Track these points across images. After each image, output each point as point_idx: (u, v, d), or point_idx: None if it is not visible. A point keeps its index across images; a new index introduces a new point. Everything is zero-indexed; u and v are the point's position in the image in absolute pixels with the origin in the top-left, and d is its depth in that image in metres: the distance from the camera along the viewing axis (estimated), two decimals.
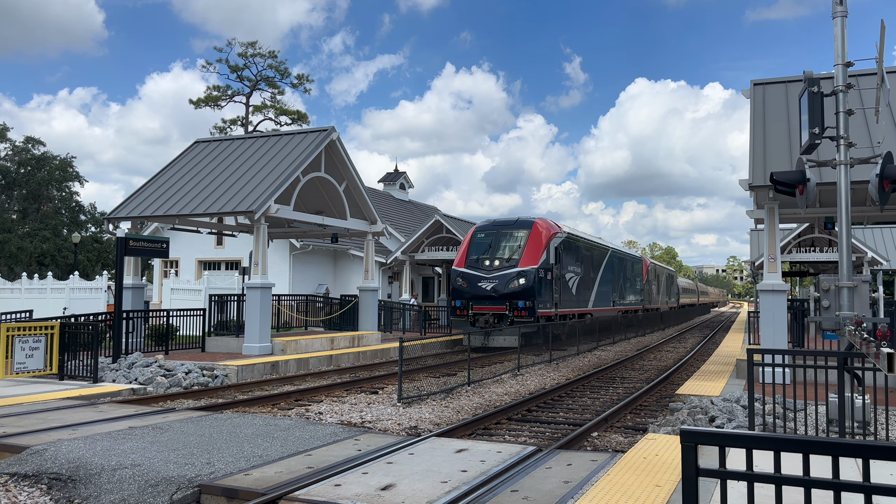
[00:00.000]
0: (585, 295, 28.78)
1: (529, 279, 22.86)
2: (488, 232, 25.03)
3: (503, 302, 22.84)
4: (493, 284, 23.12)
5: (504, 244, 24.19)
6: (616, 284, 34.63)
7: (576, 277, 27.35)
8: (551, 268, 24.19)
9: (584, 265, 28.75)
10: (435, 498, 5.94)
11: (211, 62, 67.11)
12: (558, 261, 24.92)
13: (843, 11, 9.33)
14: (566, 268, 25.97)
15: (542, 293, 23.29)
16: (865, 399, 8.30)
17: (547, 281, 23.69)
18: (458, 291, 23.83)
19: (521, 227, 24.58)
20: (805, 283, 58.08)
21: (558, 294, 24.76)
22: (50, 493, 6.60)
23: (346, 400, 12.63)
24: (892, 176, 8.75)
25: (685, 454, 2.94)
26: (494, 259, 23.73)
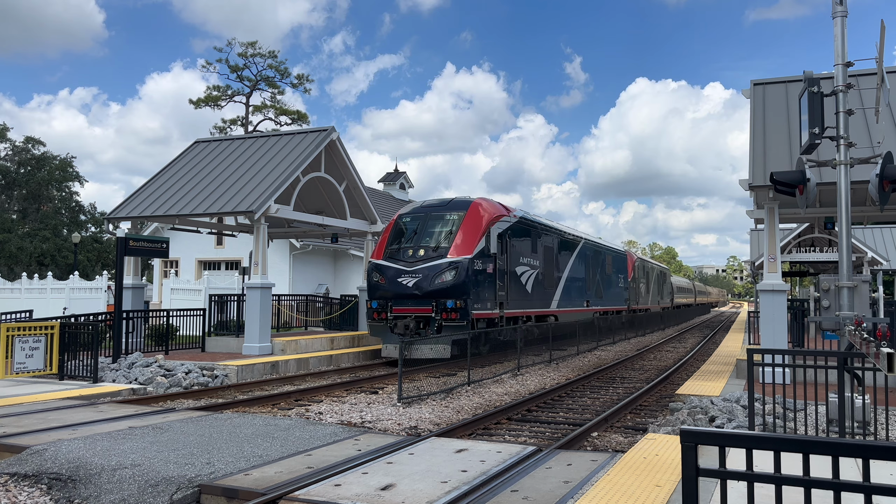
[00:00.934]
0: (547, 293, 24.23)
1: (461, 272, 18.08)
2: (415, 215, 20.17)
3: (429, 301, 18.15)
4: (416, 280, 18.31)
5: (432, 230, 19.41)
6: (591, 281, 30.27)
7: (532, 272, 22.67)
8: (494, 259, 19.52)
9: (546, 258, 24.20)
10: (435, 498, 5.94)
11: (211, 62, 67.14)
12: (505, 251, 20.32)
13: (843, 11, 9.33)
14: (518, 260, 21.46)
15: (480, 290, 18.69)
16: (865, 399, 8.29)
17: (487, 275, 19.09)
18: (374, 289, 19.12)
19: (454, 208, 19.74)
20: (805, 283, 58.06)
21: (505, 292, 20.20)
22: (50, 493, 6.60)
23: (346, 400, 12.63)
24: (892, 176, 8.75)
25: (685, 454, 2.94)
26: (419, 248, 18.89)
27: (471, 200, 20.10)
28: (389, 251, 19.39)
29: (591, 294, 29.94)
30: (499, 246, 19.94)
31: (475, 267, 18.52)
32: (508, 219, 21.01)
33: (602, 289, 32.10)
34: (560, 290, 25.71)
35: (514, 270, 21.12)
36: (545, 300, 23.99)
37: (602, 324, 28.12)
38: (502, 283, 20.05)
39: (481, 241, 18.98)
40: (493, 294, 19.40)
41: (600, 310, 31.00)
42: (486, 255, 19.15)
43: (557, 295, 25.38)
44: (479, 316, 18.57)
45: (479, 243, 18.86)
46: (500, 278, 19.88)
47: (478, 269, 18.66)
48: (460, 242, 18.69)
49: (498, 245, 19.88)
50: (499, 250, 19.92)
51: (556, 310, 25.02)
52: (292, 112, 56.09)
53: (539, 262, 23.40)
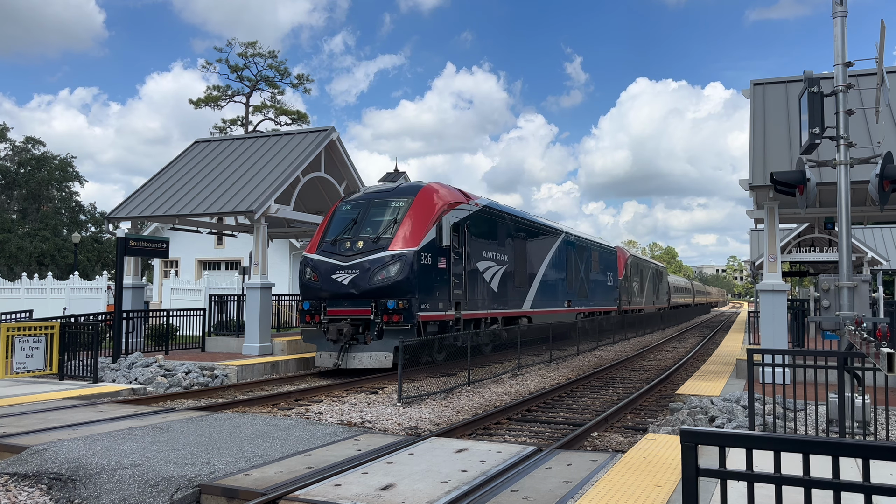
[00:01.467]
0: (518, 292, 21.82)
1: (404, 267, 15.65)
2: (357, 203, 17.61)
3: (367, 302, 15.76)
4: (353, 276, 15.90)
5: (374, 219, 16.88)
6: (574, 279, 27.82)
7: (499, 268, 20.18)
8: (448, 252, 17.10)
9: (518, 252, 21.86)
10: (435, 498, 5.93)
11: (211, 62, 67.13)
12: (463, 243, 17.97)
13: (843, 11, 9.33)
14: (481, 254, 19.03)
15: (429, 288, 16.31)
16: (865, 399, 8.29)
17: (438, 271, 16.68)
18: (306, 288, 16.72)
19: (401, 194, 17.35)
20: (805, 283, 58.04)
21: (463, 290, 17.83)
22: (50, 493, 6.60)
23: (346, 400, 12.63)
24: (892, 176, 8.76)
25: (685, 454, 2.94)
26: (357, 240, 16.42)
27: (421, 185, 17.65)
28: (325, 245, 16.87)
29: (573, 293, 27.54)
30: (455, 238, 17.53)
31: (422, 261, 16.03)
32: (467, 207, 18.50)
33: (587, 287, 29.65)
34: (535, 289, 23.30)
35: (476, 266, 18.68)
36: (517, 300, 21.64)
37: (589, 326, 25.41)
38: (459, 281, 17.62)
39: (430, 231, 16.44)
40: (446, 293, 16.98)
41: (585, 310, 28.80)
42: (438, 247, 16.67)
43: (532, 294, 22.94)
44: (428, 318, 16.22)
45: (427, 234, 16.32)
46: (457, 275, 17.56)
47: (426, 263, 16.15)
48: (405, 233, 16.16)
49: (454, 236, 17.39)
50: (455, 242, 17.53)
51: (531, 311, 22.67)
52: (292, 112, 56.12)
53: (509, 257, 20.99)
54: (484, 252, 19.28)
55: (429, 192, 17.46)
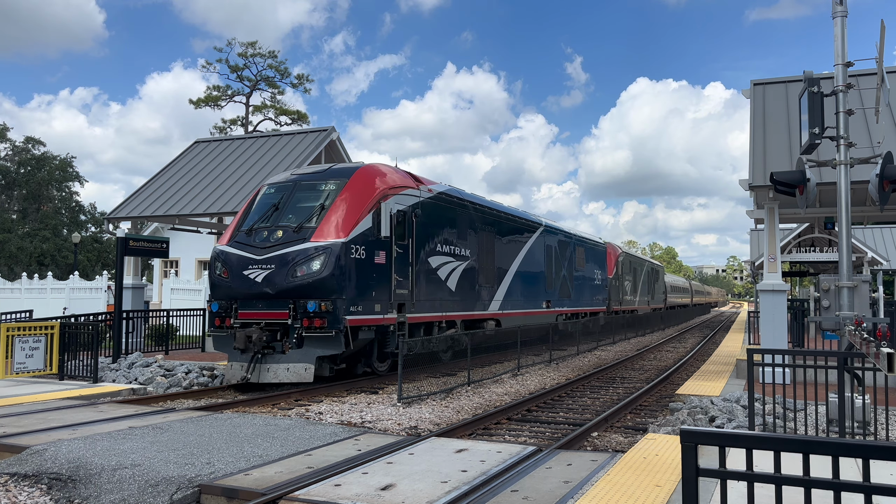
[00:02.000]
0: (484, 291, 19.35)
1: (329, 261, 13.18)
2: (281, 185, 15.09)
3: (284, 303, 13.27)
4: (268, 272, 13.41)
5: (299, 205, 14.40)
6: (554, 277, 25.31)
7: (458, 264, 17.84)
8: (388, 245, 14.54)
9: (484, 246, 19.45)
10: (435, 498, 5.93)
11: (211, 62, 67.14)
12: (410, 234, 15.50)
13: (843, 11, 9.33)
14: (435, 248, 16.66)
15: (362, 287, 13.75)
16: (865, 399, 8.30)
17: (375, 266, 14.19)
18: (216, 286, 14.23)
19: (333, 176, 14.77)
20: (805, 283, 58.03)
21: (409, 289, 15.41)
22: (50, 493, 6.60)
23: (346, 400, 12.63)
24: (892, 176, 8.76)
25: (685, 454, 2.94)
26: (276, 229, 13.89)
27: (358, 166, 15.14)
28: (239, 235, 14.32)
29: (553, 293, 25.05)
30: (400, 228, 15.12)
31: (353, 255, 13.50)
32: (416, 193, 15.97)
33: (570, 287, 27.09)
34: (506, 288, 20.89)
35: (428, 262, 16.24)
36: (482, 300, 19.24)
37: (572, 328, 23.34)
38: (403, 279, 15.14)
39: (365, 219, 13.89)
40: (385, 292, 14.44)
41: (567, 311, 26.40)
42: (374, 238, 14.11)
43: (501, 294, 20.55)
44: (359, 322, 13.64)
45: (360, 222, 13.77)
46: (401, 271, 15.06)
47: (358, 257, 13.65)
48: (333, 221, 13.63)
49: (397, 226, 14.91)
50: (400, 234, 15.07)
51: (499, 313, 20.20)
52: (292, 112, 56.14)
53: (472, 251, 18.63)
54: (439, 245, 16.83)
55: (366, 174, 14.76)
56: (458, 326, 17.90)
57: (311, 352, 13.14)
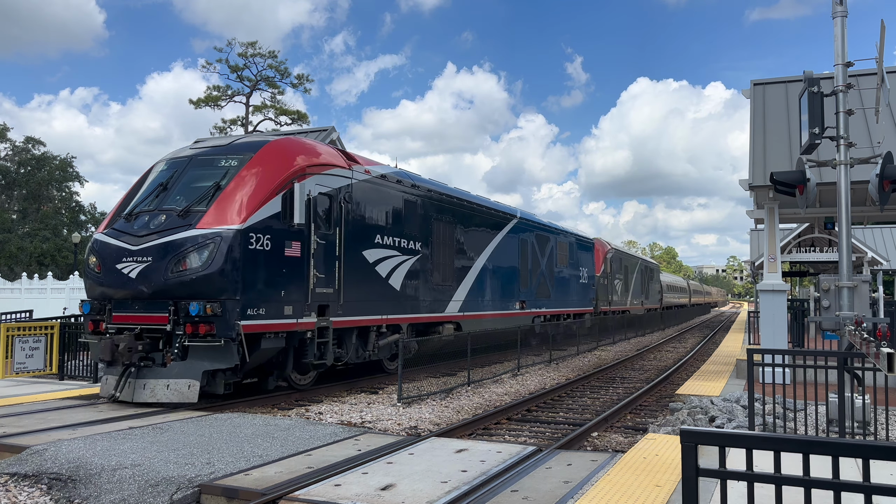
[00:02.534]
0: (439, 291, 17.03)
1: (219, 252, 10.84)
2: (176, 161, 12.64)
3: (164, 305, 10.96)
4: (144, 266, 11.01)
5: (192, 184, 11.92)
6: (530, 275, 22.78)
7: (404, 259, 15.43)
8: (304, 233, 12.16)
9: (438, 239, 17.06)
10: (435, 498, 5.93)
11: (211, 62, 67.13)
12: (337, 222, 13.07)
13: (843, 11, 9.33)
14: (370, 239, 14.14)
15: (265, 284, 11.42)
16: (865, 399, 8.30)
17: (284, 260, 11.79)
18: (89, 283, 11.96)
19: (236, 151, 12.28)
20: (805, 283, 58.01)
21: (335, 288, 12.92)
22: (50, 493, 6.60)
23: (346, 400, 12.63)
24: (892, 176, 8.76)
25: (685, 454, 2.94)
26: (160, 213, 11.48)
27: (269, 139, 12.75)
28: (118, 221, 11.93)
29: (529, 292, 22.61)
30: (323, 214, 12.72)
31: (251, 245, 11.16)
32: (347, 173, 13.47)
33: (550, 285, 24.54)
34: (468, 287, 18.42)
35: (363, 256, 13.83)
36: (437, 301, 16.87)
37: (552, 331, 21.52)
38: (327, 275, 12.66)
39: (271, 202, 11.51)
40: (300, 291, 12.08)
41: (546, 313, 23.95)
42: (285, 226, 11.72)
43: (462, 293, 18.11)
44: (260, 328, 11.26)
45: (264, 206, 11.39)
46: (324, 266, 12.61)
47: (259, 248, 11.29)
48: (228, 204, 11.23)
49: (319, 212, 12.57)
50: (322, 221, 12.67)
51: (459, 315, 17.85)
52: (292, 112, 56.15)
53: (423, 244, 16.30)
54: (379, 237, 14.43)
55: (278, 148, 12.35)
56: (404, 331, 15.44)
57: (196, 365, 10.76)
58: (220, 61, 55.47)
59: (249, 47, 54.05)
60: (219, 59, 59.30)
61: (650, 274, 47.06)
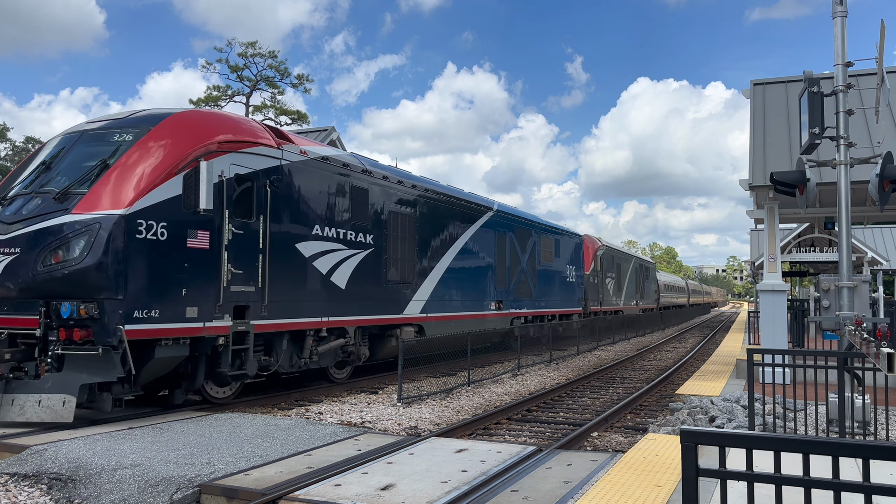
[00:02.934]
0: (397, 289, 15.31)
1: (96, 243, 9.15)
2: (68, 136, 10.89)
3: (35, 305, 9.42)
4: (11, 259, 9.45)
5: (78, 162, 10.17)
6: (510, 273, 21.05)
7: (352, 254, 13.72)
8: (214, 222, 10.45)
9: (396, 232, 15.32)
10: (435, 498, 5.94)
11: (211, 62, 67.14)
12: (262, 208, 11.40)
13: (843, 11, 9.33)
14: (308, 229, 12.51)
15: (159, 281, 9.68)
16: (865, 399, 8.30)
17: (186, 252, 10.04)
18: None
19: (133, 125, 10.48)
20: (805, 283, 57.99)
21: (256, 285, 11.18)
22: (50, 493, 6.60)
23: (346, 400, 12.63)
24: (892, 176, 8.76)
25: (685, 454, 2.94)
26: (35, 196, 9.88)
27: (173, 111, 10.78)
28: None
29: (506, 291, 20.81)
30: (241, 200, 11.00)
31: (140, 234, 9.42)
32: (275, 153, 11.69)
33: (532, 284, 22.81)
34: (434, 286, 16.71)
35: (297, 249, 12.18)
36: (394, 301, 15.11)
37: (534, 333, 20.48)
38: (247, 270, 10.97)
39: (168, 183, 9.75)
40: (208, 290, 10.29)
41: (527, 314, 22.22)
42: (187, 212, 9.96)
43: (425, 292, 16.32)
44: (151, 334, 9.50)
45: (158, 187, 9.61)
46: (242, 260, 10.88)
47: (151, 238, 9.52)
48: (112, 185, 9.51)
49: (236, 198, 10.86)
50: (241, 208, 10.99)
51: (422, 316, 16.14)
52: (292, 112, 56.11)
53: (377, 237, 14.51)
54: (318, 228, 12.72)
55: (182, 120, 10.55)
56: (351, 335, 13.74)
57: (72, 378, 9.01)
58: (220, 61, 55.43)
59: (249, 47, 54.05)
60: (219, 59, 59.27)
61: (646, 273, 45.44)
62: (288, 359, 12.32)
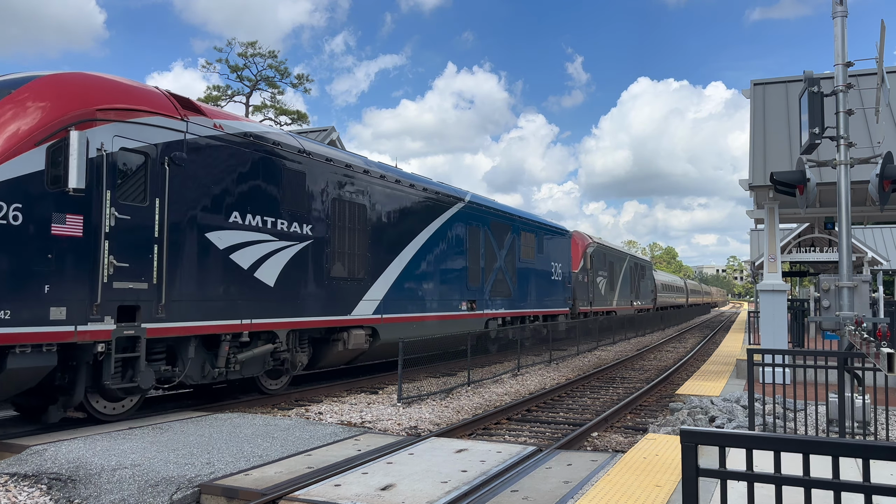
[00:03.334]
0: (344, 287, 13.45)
1: None
2: None
3: None
4: None
5: None
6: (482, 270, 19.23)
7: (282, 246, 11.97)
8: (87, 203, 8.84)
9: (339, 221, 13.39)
10: (435, 498, 5.94)
11: (211, 62, 67.15)
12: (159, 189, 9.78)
13: (843, 11, 9.33)
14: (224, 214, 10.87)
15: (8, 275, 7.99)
16: (865, 399, 8.30)
17: (50, 241, 8.41)
18: None
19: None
20: (805, 283, 57.96)
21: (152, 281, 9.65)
22: (50, 493, 6.60)
23: (346, 400, 12.63)
24: (892, 176, 8.76)
25: (685, 454, 2.94)
26: None
27: (39, 75, 9.20)
28: None
29: (480, 290, 19.07)
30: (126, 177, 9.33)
31: None
32: (177, 125, 10.09)
33: (511, 282, 21.09)
34: (390, 283, 14.90)
35: (207, 239, 10.46)
36: (337, 300, 13.22)
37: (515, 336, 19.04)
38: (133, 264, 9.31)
39: (23, 155, 8.24)
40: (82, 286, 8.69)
41: (505, 314, 20.40)
42: (52, 191, 8.43)
43: (379, 291, 14.50)
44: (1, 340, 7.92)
45: (10, 160, 8.14)
46: (130, 250, 9.26)
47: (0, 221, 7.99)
48: None
49: (118, 174, 9.20)
50: (130, 187, 9.39)
51: (375, 318, 14.30)
52: (292, 112, 56.10)
53: (317, 228, 12.69)
54: (236, 215, 11.02)
55: (50, 84, 9.01)
56: (283, 339, 11.98)
57: None
58: (220, 61, 55.41)
59: (249, 47, 54.04)
60: (219, 59, 59.27)
61: (641, 271, 43.76)
62: (198, 368, 10.54)
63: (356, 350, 13.92)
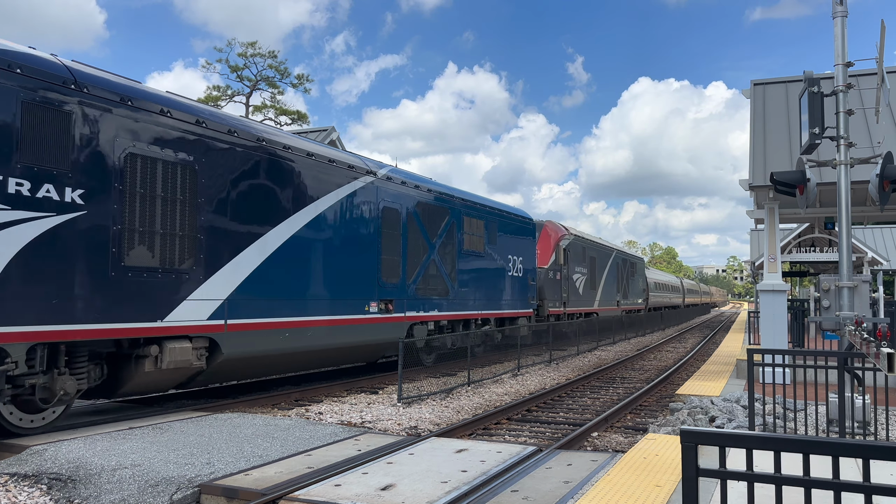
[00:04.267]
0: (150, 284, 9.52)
1: None
2: None
3: None
4: None
5: None
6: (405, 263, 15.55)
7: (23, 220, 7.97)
8: None
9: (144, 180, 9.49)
10: (435, 498, 5.93)
11: (211, 62, 67.21)
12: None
13: (843, 11, 9.33)
14: None
15: None
16: (865, 399, 8.30)
17: None
18: None
19: None
20: (805, 283, 57.92)
21: None
22: (50, 493, 6.60)
23: (346, 400, 12.63)
24: (892, 176, 8.76)
25: (685, 454, 2.94)
26: None
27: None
28: None
29: (399, 287, 15.40)
30: None
31: None
32: None
33: (448, 279, 17.47)
34: (244, 274, 11.12)
35: None
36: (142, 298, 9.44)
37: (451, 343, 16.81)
38: None
39: None
40: None
41: (439, 317, 16.98)
42: None
43: (225, 285, 10.75)
44: None
45: None
46: None
47: None
48: None
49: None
50: None
51: (214, 323, 10.55)
52: (292, 112, 56.09)
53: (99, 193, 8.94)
54: None
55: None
56: (16, 357, 7.95)
57: None
58: (220, 61, 55.53)
59: (249, 47, 54.04)
60: (219, 59, 59.37)
61: (631, 269, 39.50)
62: None
63: (183, 370, 10.19)
